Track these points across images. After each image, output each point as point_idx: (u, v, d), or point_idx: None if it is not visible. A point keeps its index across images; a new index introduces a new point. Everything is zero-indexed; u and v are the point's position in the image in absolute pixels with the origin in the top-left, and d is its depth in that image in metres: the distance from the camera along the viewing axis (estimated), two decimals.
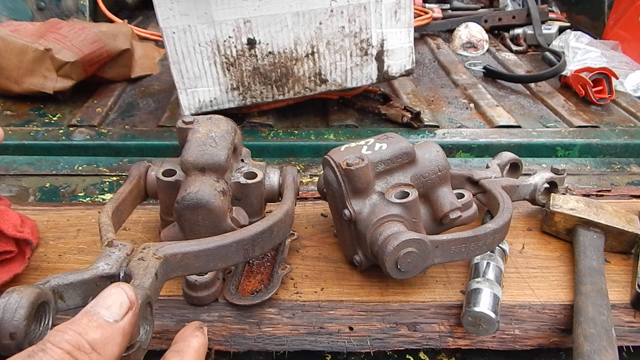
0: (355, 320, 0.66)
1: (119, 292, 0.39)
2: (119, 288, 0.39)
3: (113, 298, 0.38)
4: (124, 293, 0.39)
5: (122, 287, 0.39)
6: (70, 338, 0.35)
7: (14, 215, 0.69)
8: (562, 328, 0.68)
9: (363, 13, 1.11)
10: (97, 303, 0.38)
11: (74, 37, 1.29)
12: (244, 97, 1.14)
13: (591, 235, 0.77)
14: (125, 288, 0.39)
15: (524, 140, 1.17)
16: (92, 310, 0.37)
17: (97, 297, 0.39)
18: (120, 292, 0.39)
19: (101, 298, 0.39)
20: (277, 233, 0.62)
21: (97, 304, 0.38)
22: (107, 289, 0.40)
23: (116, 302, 0.38)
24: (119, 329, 0.38)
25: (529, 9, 1.89)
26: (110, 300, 0.38)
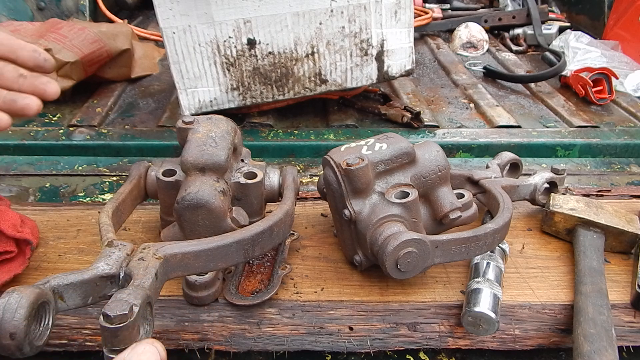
0: (355, 320, 0.66)
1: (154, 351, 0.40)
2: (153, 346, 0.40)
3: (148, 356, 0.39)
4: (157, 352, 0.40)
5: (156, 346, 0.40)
6: None
7: (14, 216, 0.69)
8: (562, 328, 0.68)
9: (363, 13, 1.11)
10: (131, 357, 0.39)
11: (74, 37, 1.29)
12: (244, 97, 1.14)
13: (591, 235, 0.77)
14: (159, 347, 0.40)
15: (524, 140, 1.17)
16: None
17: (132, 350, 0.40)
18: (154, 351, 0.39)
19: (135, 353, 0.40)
20: (277, 233, 0.62)
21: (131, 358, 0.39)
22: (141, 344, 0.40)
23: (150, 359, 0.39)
24: None
25: (529, 9, 1.89)
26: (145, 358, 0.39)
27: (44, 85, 0.61)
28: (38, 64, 0.62)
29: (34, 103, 0.59)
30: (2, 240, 0.66)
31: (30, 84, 0.60)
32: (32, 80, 0.61)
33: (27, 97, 0.59)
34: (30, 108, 0.59)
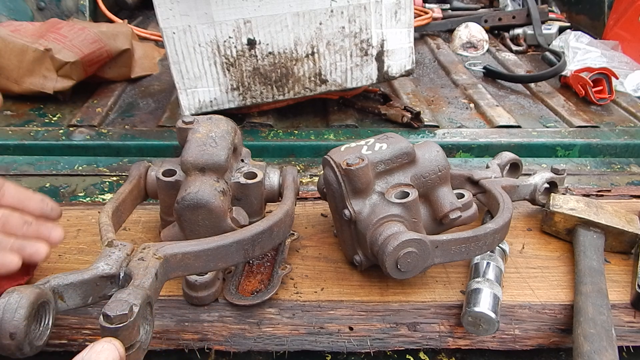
0: (355, 320, 0.66)
1: (112, 349, 0.40)
2: (111, 344, 0.41)
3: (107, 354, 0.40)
4: (116, 350, 0.41)
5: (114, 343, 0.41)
6: None
7: None
8: (562, 328, 0.68)
9: (363, 13, 1.11)
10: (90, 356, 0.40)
11: (74, 37, 1.29)
12: (244, 98, 1.14)
13: (591, 235, 0.77)
14: (117, 344, 0.41)
15: (524, 140, 1.17)
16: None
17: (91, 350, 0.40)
18: (112, 349, 0.40)
19: (94, 351, 0.40)
20: (277, 233, 0.62)
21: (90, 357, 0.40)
22: (99, 342, 0.41)
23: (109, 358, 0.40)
24: None
25: (529, 9, 1.89)
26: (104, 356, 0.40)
27: (48, 232, 0.64)
28: (44, 213, 0.65)
29: (42, 249, 0.61)
30: None
31: (35, 231, 0.63)
32: (36, 227, 0.63)
33: (35, 244, 0.61)
34: (39, 254, 0.61)
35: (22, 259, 0.59)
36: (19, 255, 0.59)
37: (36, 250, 0.61)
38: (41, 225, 0.64)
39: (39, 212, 0.65)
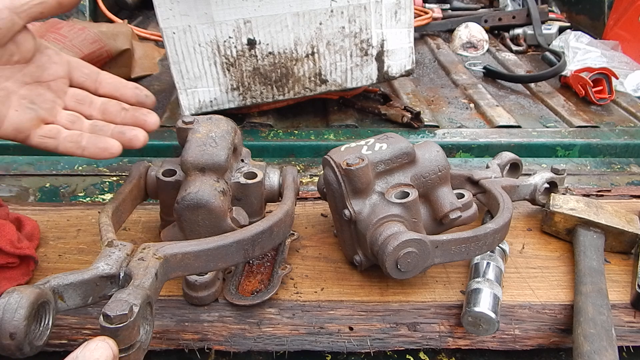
0: (355, 320, 0.66)
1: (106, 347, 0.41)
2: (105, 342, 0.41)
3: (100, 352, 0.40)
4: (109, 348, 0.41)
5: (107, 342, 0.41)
6: None
7: (11, 230, 0.68)
8: (562, 328, 0.68)
9: (363, 13, 1.11)
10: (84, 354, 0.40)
11: (74, 37, 1.29)
12: (244, 98, 1.14)
13: (591, 235, 0.77)
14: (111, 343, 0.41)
15: (524, 140, 1.17)
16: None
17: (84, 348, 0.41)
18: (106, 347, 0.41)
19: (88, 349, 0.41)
20: (277, 233, 0.62)
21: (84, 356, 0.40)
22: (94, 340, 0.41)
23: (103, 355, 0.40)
24: None
25: (529, 9, 1.89)
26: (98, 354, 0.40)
27: (144, 117, 0.65)
28: (139, 100, 0.66)
29: (141, 134, 0.63)
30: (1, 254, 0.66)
31: (132, 116, 0.65)
32: (133, 112, 0.65)
33: (134, 129, 0.63)
34: (138, 139, 0.63)
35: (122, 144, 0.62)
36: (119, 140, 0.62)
37: (135, 135, 0.63)
38: (138, 111, 0.65)
39: (134, 99, 0.66)
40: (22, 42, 0.58)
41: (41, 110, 0.60)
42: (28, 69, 0.59)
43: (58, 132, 0.61)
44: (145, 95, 0.67)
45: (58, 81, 0.62)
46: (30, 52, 0.59)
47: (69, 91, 0.63)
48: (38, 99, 0.60)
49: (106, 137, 0.62)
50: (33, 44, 0.59)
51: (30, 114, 0.58)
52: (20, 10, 0.55)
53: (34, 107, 0.59)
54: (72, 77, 0.64)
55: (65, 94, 0.63)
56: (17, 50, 0.58)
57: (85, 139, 0.61)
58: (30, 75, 0.59)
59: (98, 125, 0.63)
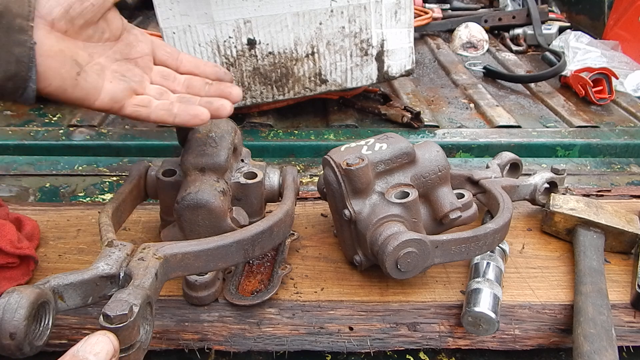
0: (355, 320, 0.66)
1: (107, 341, 0.42)
2: (106, 336, 0.42)
3: (101, 346, 0.41)
4: (110, 342, 0.42)
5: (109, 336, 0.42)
6: None
7: (11, 230, 0.68)
8: (562, 328, 0.68)
9: (363, 13, 1.11)
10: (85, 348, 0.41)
11: None
12: (244, 98, 1.14)
13: (591, 235, 0.77)
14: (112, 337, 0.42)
15: (524, 140, 1.17)
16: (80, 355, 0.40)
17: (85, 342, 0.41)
18: (107, 341, 0.42)
19: (89, 344, 0.41)
20: (277, 233, 0.62)
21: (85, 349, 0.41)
22: (95, 335, 0.42)
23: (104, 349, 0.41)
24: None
25: (529, 9, 1.89)
26: (99, 347, 0.41)
27: (229, 89, 0.67)
28: (219, 76, 0.69)
29: (227, 104, 0.65)
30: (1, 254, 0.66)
31: (217, 89, 0.67)
32: (217, 86, 0.68)
33: (221, 100, 0.65)
34: (225, 108, 0.65)
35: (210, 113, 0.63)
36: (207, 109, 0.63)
37: (222, 104, 0.64)
38: (222, 85, 0.68)
39: (214, 76, 0.69)
40: (112, 21, 0.61)
41: (132, 82, 0.63)
42: (117, 46, 0.63)
43: (150, 102, 0.63)
44: (224, 72, 0.70)
45: (144, 58, 0.65)
46: (119, 30, 0.62)
47: (154, 68, 0.67)
48: (128, 72, 0.63)
49: (194, 105, 0.64)
50: (121, 23, 0.63)
51: (124, 85, 0.61)
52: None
53: (126, 79, 0.62)
54: (155, 55, 0.67)
55: (151, 70, 0.66)
56: (107, 28, 0.61)
57: (177, 107, 0.63)
58: (119, 52, 0.63)
59: (185, 97, 0.65)
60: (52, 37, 0.56)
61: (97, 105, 0.60)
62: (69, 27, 0.57)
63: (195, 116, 0.63)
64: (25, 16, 0.54)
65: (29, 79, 0.55)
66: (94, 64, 0.60)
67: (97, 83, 0.60)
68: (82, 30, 0.59)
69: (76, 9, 0.57)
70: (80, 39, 0.59)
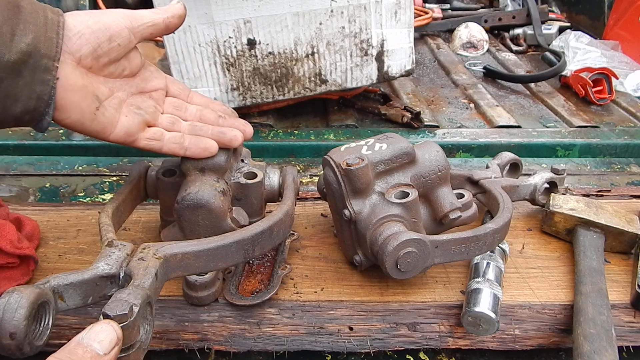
0: (355, 320, 0.66)
1: (110, 330, 0.43)
2: (109, 325, 0.43)
3: (105, 334, 0.42)
4: (114, 331, 0.43)
5: (112, 325, 0.43)
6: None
7: (11, 230, 0.68)
8: (562, 328, 0.68)
9: (363, 13, 1.11)
10: (89, 336, 0.42)
11: None
12: (244, 98, 1.14)
13: (591, 235, 0.77)
14: (115, 326, 0.43)
15: (524, 140, 1.17)
16: (85, 343, 0.42)
17: (90, 330, 0.42)
18: (110, 330, 0.43)
19: (93, 332, 0.42)
20: (277, 233, 0.62)
21: (90, 337, 0.42)
22: (98, 323, 0.43)
23: (107, 337, 0.42)
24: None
25: (529, 9, 1.89)
26: (102, 335, 0.42)
27: (243, 126, 0.69)
28: (227, 114, 0.71)
29: (240, 135, 0.67)
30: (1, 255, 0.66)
31: (230, 123, 0.69)
32: (230, 120, 0.69)
33: (234, 131, 0.67)
34: (237, 139, 0.67)
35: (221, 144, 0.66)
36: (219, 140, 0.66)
37: (235, 135, 0.66)
38: (234, 119, 0.70)
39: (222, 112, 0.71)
40: (133, 59, 0.64)
41: (146, 114, 0.64)
42: (134, 81, 0.65)
43: (162, 135, 0.65)
44: (232, 110, 0.72)
45: (158, 92, 0.68)
46: (137, 67, 0.65)
47: (167, 100, 0.69)
48: (143, 104, 0.65)
49: (205, 137, 0.66)
50: (140, 61, 0.66)
51: (138, 119, 0.63)
52: (136, 30, 0.62)
53: (140, 112, 0.64)
54: (168, 90, 0.69)
55: (164, 102, 0.68)
56: (128, 65, 0.64)
57: (187, 139, 0.65)
58: (136, 86, 0.65)
59: (197, 126, 0.67)
60: (77, 72, 0.58)
61: (112, 138, 0.62)
62: (94, 63, 0.60)
63: (205, 149, 0.65)
64: (52, 57, 0.56)
65: (46, 114, 0.58)
66: (113, 98, 0.62)
67: (114, 117, 0.62)
68: (106, 67, 0.61)
69: (104, 48, 0.59)
70: (102, 74, 0.62)
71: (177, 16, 0.65)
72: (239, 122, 0.69)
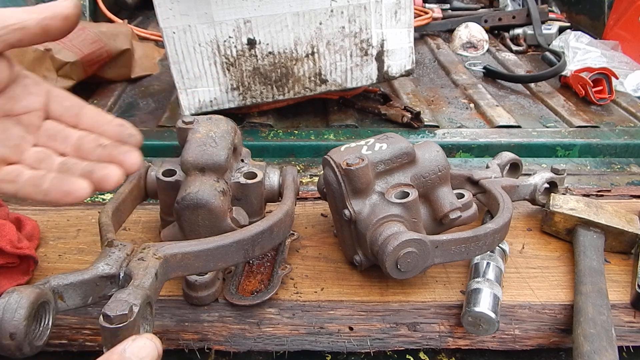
0: (355, 320, 0.66)
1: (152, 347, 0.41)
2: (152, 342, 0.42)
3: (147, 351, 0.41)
4: (155, 348, 0.41)
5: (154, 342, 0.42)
6: None
7: (11, 230, 0.68)
8: (562, 328, 0.68)
9: (363, 13, 1.11)
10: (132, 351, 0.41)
11: (74, 37, 1.29)
12: (244, 97, 1.14)
13: (591, 235, 0.77)
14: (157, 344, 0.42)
15: (524, 140, 1.17)
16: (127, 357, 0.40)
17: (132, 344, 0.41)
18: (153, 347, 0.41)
19: (135, 347, 0.41)
20: (277, 233, 0.62)
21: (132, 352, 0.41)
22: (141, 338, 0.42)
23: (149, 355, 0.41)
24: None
25: (529, 9, 1.89)
26: (145, 352, 0.41)
27: (122, 155, 0.54)
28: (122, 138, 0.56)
29: (114, 173, 0.52)
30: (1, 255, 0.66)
31: (109, 154, 0.54)
32: (111, 149, 0.54)
33: (107, 167, 0.53)
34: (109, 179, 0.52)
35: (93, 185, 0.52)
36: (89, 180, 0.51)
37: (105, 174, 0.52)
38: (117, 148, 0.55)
39: (116, 137, 0.56)
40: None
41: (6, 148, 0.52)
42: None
43: (18, 175, 0.51)
44: (129, 134, 0.56)
45: (31, 114, 0.54)
46: (3, 83, 0.51)
47: (42, 125, 0.55)
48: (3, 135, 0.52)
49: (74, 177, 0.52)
50: (8, 74, 0.51)
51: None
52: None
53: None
54: (49, 110, 0.55)
55: (38, 128, 0.54)
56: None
57: (48, 181, 0.51)
58: None
59: (68, 164, 0.53)
60: None
61: None
62: None
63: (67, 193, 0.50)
64: None
65: None
66: None
67: None
68: None
69: None
70: None
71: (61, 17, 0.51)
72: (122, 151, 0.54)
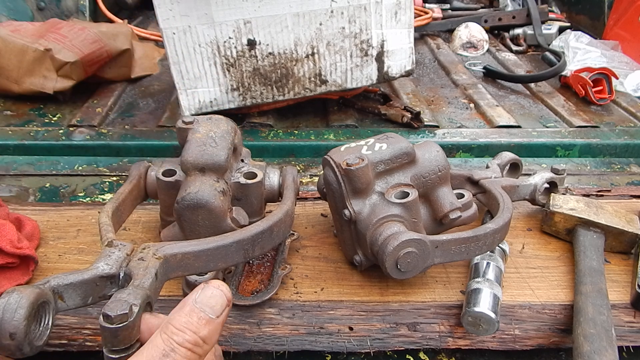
0: (355, 320, 0.66)
1: (220, 295, 0.45)
2: (219, 290, 0.45)
3: (216, 299, 0.45)
4: (224, 296, 0.45)
5: (222, 290, 0.45)
6: (189, 338, 0.43)
7: (11, 230, 0.68)
8: (562, 328, 0.68)
9: (363, 14, 1.11)
10: (202, 301, 0.45)
11: (74, 37, 1.29)
12: (244, 98, 1.14)
13: (591, 235, 0.77)
14: (225, 290, 0.45)
15: (524, 140, 1.17)
16: (199, 308, 0.44)
17: (201, 294, 0.45)
18: (221, 295, 0.45)
19: (205, 297, 0.45)
20: (277, 233, 0.62)
21: (203, 302, 0.44)
22: (209, 287, 0.45)
23: (219, 303, 0.45)
24: (220, 323, 0.45)
25: (529, 9, 1.89)
26: (214, 301, 0.45)
27: None
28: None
29: None
30: (2, 254, 0.66)
31: None
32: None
33: None
34: None
35: None
36: None
37: None
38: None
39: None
40: None
41: None
42: None
43: None
44: None
45: None
46: None
47: None
48: None
49: None
50: None
51: None
52: None
53: None
54: None
55: None
56: None
57: None
58: None
59: None
60: None
61: None
62: None
63: None
64: None
65: None
66: None
67: None
68: None
69: None
70: None
71: None
72: None
